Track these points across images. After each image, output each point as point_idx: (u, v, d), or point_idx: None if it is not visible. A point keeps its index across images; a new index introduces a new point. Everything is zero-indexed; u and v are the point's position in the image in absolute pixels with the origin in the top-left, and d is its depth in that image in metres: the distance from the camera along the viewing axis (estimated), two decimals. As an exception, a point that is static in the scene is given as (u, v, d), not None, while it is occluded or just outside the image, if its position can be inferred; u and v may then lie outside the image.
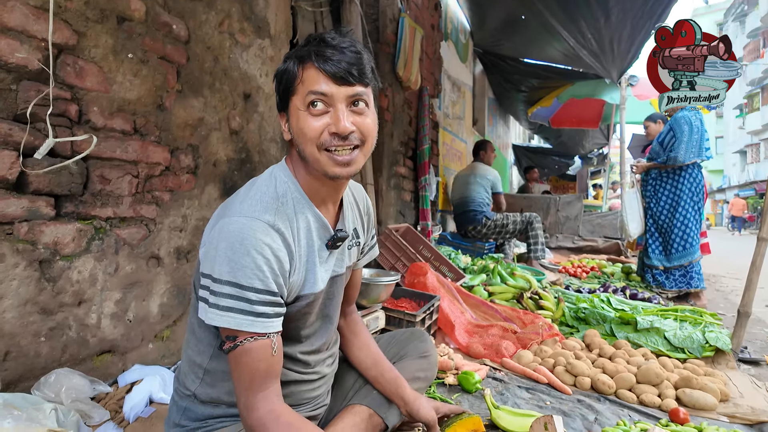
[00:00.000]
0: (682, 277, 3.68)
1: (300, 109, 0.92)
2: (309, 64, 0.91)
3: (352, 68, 0.91)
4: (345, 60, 0.90)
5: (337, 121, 0.91)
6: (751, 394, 1.88)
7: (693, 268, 3.65)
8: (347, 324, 1.30)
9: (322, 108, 0.91)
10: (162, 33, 1.73)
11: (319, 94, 0.90)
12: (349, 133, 0.92)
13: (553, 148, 12.14)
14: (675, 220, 3.67)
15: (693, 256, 3.64)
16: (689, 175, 3.64)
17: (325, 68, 0.90)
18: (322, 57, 0.90)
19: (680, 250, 3.66)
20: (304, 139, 0.93)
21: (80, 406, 1.30)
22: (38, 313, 1.34)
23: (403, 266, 2.89)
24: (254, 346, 0.89)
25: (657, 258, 3.78)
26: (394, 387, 1.21)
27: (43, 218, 1.36)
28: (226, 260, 0.87)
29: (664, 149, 3.72)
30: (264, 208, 0.93)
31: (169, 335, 1.81)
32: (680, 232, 3.66)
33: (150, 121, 1.69)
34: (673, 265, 3.69)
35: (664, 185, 3.74)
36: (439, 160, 5.39)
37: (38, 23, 1.32)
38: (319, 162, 0.93)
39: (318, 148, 0.92)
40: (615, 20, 4.61)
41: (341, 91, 0.91)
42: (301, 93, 0.92)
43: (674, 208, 3.68)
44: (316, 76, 0.91)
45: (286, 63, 0.95)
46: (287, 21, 2.55)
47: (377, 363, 1.24)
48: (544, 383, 1.91)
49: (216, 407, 1.01)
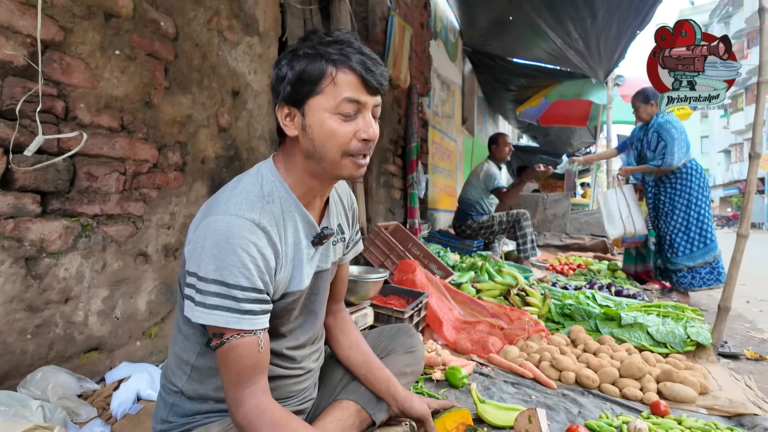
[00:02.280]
0: (709, 274, 3.63)
1: (327, 111, 0.93)
2: (345, 68, 0.92)
3: (383, 79, 0.95)
4: (379, 72, 0.94)
5: (368, 127, 0.94)
6: (730, 387, 1.93)
7: (719, 263, 3.61)
8: (337, 322, 1.30)
9: (353, 114, 0.94)
10: (150, 30, 1.72)
11: (355, 102, 0.93)
12: (375, 139, 0.96)
13: (541, 146, 12.24)
14: (691, 217, 3.65)
15: (716, 251, 3.62)
16: (695, 171, 3.67)
17: (367, 78, 0.92)
18: (362, 65, 0.92)
19: (701, 247, 3.63)
20: (330, 142, 0.94)
21: (67, 404, 1.29)
22: (24, 310, 1.34)
23: (392, 264, 2.90)
24: (241, 342, 0.90)
25: (679, 259, 3.70)
26: (386, 386, 1.22)
27: (30, 215, 1.35)
28: (212, 258, 0.87)
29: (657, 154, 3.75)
30: (249, 206, 0.93)
31: (157, 332, 1.80)
32: (697, 229, 3.64)
33: (137, 117, 1.68)
34: (697, 263, 3.64)
35: (675, 186, 3.73)
36: (428, 159, 5.42)
37: (24, 19, 1.31)
38: (340, 165, 0.96)
39: (343, 154, 0.94)
40: (601, 21, 4.67)
41: (371, 100, 0.95)
42: (331, 95, 0.92)
43: (688, 207, 3.66)
44: (353, 83, 0.92)
45: (309, 60, 0.93)
46: (276, 18, 2.55)
47: (368, 362, 1.25)
48: (529, 378, 1.94)
49: (203, 403, 1.02)
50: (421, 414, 1.21)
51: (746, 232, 2.26)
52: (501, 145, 4.78)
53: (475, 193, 4.73)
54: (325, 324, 1.29)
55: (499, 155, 4.80)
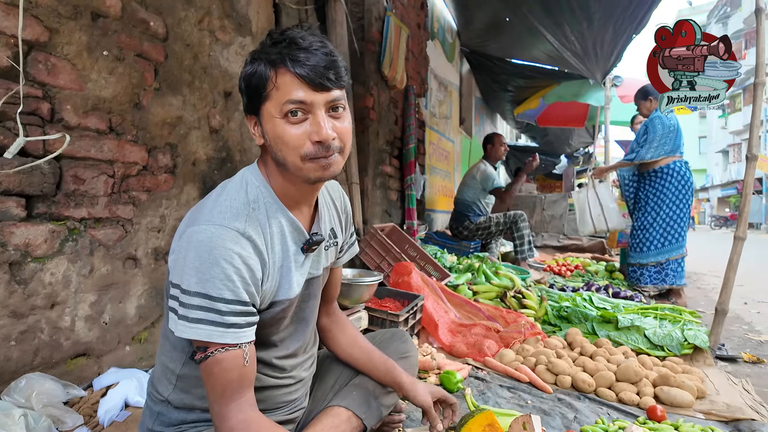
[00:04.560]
0: (657, 273, 3.75)
1: (275, 116, 0.88)
2: (283, 68, 0.87)
3: (329, 73, 0.87)
4: (321, 64, 0.86)
5: (318, 128, 0.87)
6: (727, 391, 1.91)
7: (669, 266, 3.72)
8: (332, 322, 1.29)
9: (301, 116, 0.88)
10: (139, 30, 1.70)
11: (298, 103, 0.87)
12: (331, 140, 0.89)
13: (540, 147, 12.23)
14: (658, 217, 3.72)
15: (670, 254, 3.70)
16: (677, 173, 3.69)
17: (302, 74, 0.85)
18: (297, 61, 0.85)
19: (659, 247, 3.72)
20: (285, 148, 0.89)
21: (52, 411, 1.27)
22: (8, 316, 1.31)
23: (388, 266, 2.88)
24: (226, 356, 0.87)
25: (633, 256, 3.89)
26: (390, 376, 1.22)
27: (14, 219, 1.32)
28: (194, 271, 0.84)
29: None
30: (234, 215, 0.90)
31: (146, 337, 1.78)
32: (661, 229, 3.71)
33: (126, 119, 1.66)
34: (649, 262, 3.77)
35: (650, 184, 3.79)
36: (426, 160, 5.40)
37: (8, 19, 1.28)
38: (302, 169, 0.90)
39: (302, 158, 0.89)
40: (597, 25, 4.68)
41: (320, 98, 0.87)
42: (276, 100, 0.88)
43: (659, 206, 3.72)
44: (292, 83, 0.86)
45: (254, 64, 0.89)
46: (269, 18, 2.52)
47: (369, 356, 1.24)
48: (525, 382, 1.92)
49: (190, 412, 1.00)
50: (422, 404, 1.22)
51: (743, 235, 2.25)
52: (497, 144, 4.77)
53: (471, 194, 4.70)
54: (321, 325, 1.27)
55: (495, 155, 4.79)
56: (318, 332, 1.27)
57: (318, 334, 1.27)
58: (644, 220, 3.80)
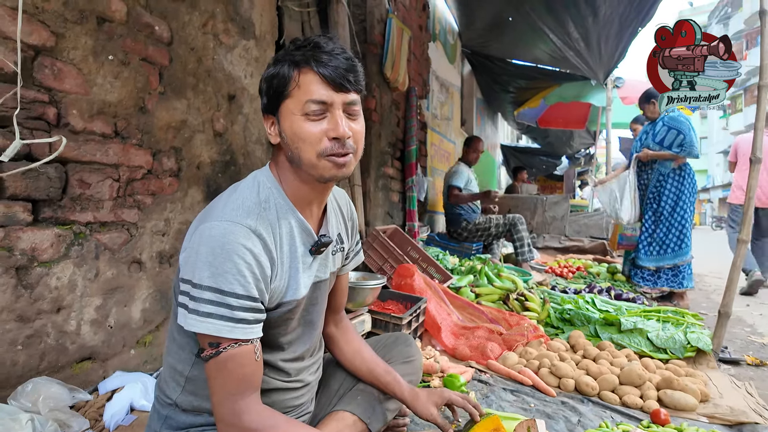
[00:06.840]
0: (674, 276, 3.69)
1: (295, 113, 0.93)
2: (306, 68, 0.92)
3: (349, 75, 0.93)
4: (342, 67, 0.92)
5: (336, 125, 0.92)
6: (731, 394, 1.91)
7: (685, 269, 3.67)
8: (339, 331, 1.30)
9: (320, 114, 0.92)
10: (144, 34, 1.70)
11: (319, 102, 0.92)
12: (347, 137, 0.93)
13: (541, 148, 12.23)
14: (673, 219, 3.66)
15: (686, 257, 3.66)
16: (688, 174, 3.67)
17: (324, 74, 0.91)
18: (320, 62, 0.91)
19: (675, 250, 3.66)
20: (302, 144, 0.93)
21: (58, 416, 1.27)
22: (15, 321, 1.31)
23: (390, 268, 2.88)
24: (239, 351, 0.89)
25: (648, 259, 3.77)
26: (392, 390, 1.24)
27: (20, 224, 1.33)
28: (207, 265, 0.86)
29: (669, 148, 3.69)
30: (246, 212, 0.92)
31: (151, 340, 1.78)
32: (677, 232, 3.65)
33: (131, 123, 1.66)
34: (665, 265, 3.70)
35: (670, 183, 3.70)
36: (427, 161, 5.40)
37: (14, 24, 1.28)
38: (317, 167, 0.94)
39: (318, 155, 0.93)
40: (603, 18, 4.63)
41: (339, 98, 0.93)
42: (297, 98, 0.92)
43: (674, 207, 3.67)
44: (314, 82, 0.91)
45: (277, 66, 0.94)
46: (273, 22, 2.53)
47: (372, 369, 1.25)
48: (528, 385, 1.92)
49: (198, 416, 1.00)
50: (426, 418, 1.24)
51: (747, 238, 2.25)
52: (471, 149, 4.80)
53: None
54: (327, 333, 1.28)
55: (467, 159, 4.81)
56: (324, 339, 1.28)
57: (323, 340, 1.28)
58: (668, 222, 3.68)
